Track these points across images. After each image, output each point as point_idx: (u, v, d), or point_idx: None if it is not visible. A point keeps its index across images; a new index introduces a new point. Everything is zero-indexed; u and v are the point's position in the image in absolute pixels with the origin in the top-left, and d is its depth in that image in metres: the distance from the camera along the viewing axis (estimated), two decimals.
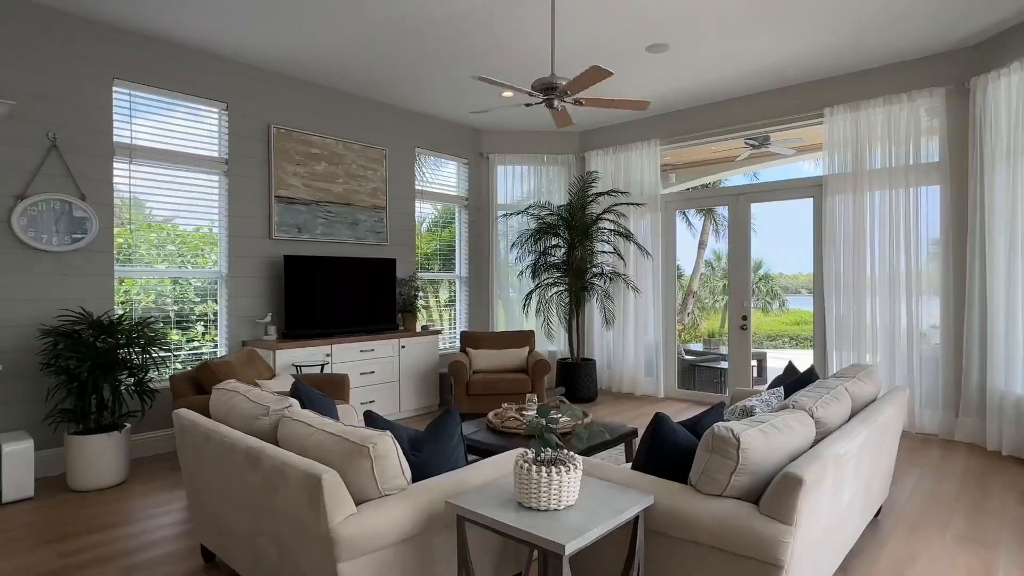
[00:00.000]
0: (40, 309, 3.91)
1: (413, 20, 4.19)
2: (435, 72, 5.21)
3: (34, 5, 3.90)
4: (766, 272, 16.55)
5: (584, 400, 6.27)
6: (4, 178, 3.80)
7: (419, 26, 4.27)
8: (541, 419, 1.89)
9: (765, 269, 16.55)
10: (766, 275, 16.54)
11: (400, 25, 4.26)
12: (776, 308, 16.60)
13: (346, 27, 4.30)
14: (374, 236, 5.94)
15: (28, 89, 3.89)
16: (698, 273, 14.25)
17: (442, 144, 6.68)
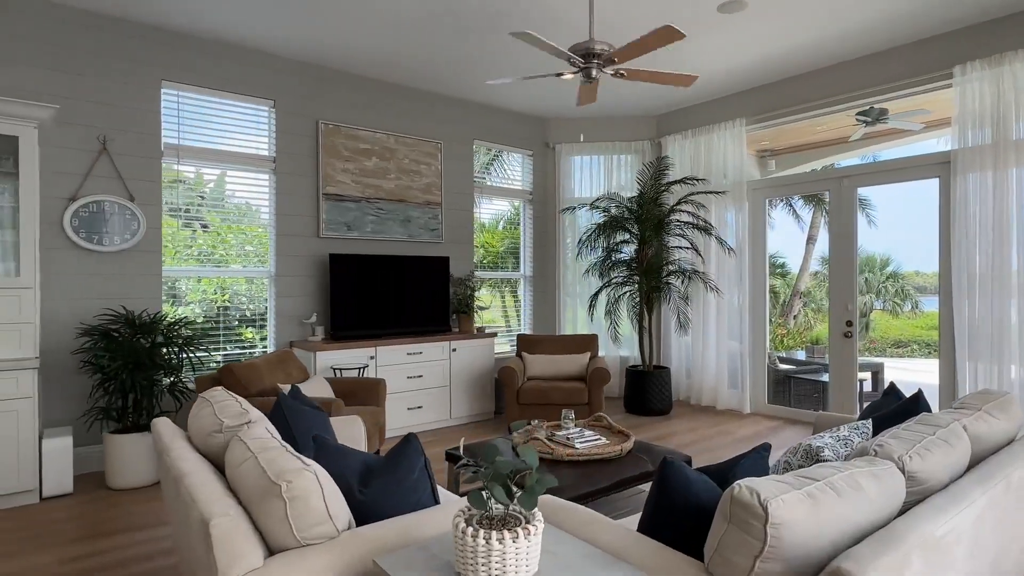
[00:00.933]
0: (90, 307, 4.01)
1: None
2: (492, 58, 4.83)
3: (83, 11, 4.00)
4: (895, 270, 14.66)
5: (656, 413, 5.62)
6: (57, 181, 3.92)
7: (468, 6, 3.92)
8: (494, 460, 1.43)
9: (895, 266, 14.67)
10: (895, 273, 14.66)
11: (449, 5, 3.93)
12: (907, 310, 14.63)
13: (394, 13, 4.04)
14: (428, 234, 5.69)
15: (78, 94, 4.00)
16: (806, 271, 12.79)
17: (504, 135, 6.31)
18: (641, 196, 5.71)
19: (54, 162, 3.92)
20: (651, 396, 5.61)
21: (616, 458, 2.86)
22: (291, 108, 4.89)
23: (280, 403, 2.47)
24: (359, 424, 2.99)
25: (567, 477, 2.61)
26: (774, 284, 13.03)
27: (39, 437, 3.50)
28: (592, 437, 3.05)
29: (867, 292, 14.32)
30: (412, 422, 5.02)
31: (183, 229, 4.50)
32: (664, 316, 6.38)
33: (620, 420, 5.46)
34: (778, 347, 10.95)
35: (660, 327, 6.48)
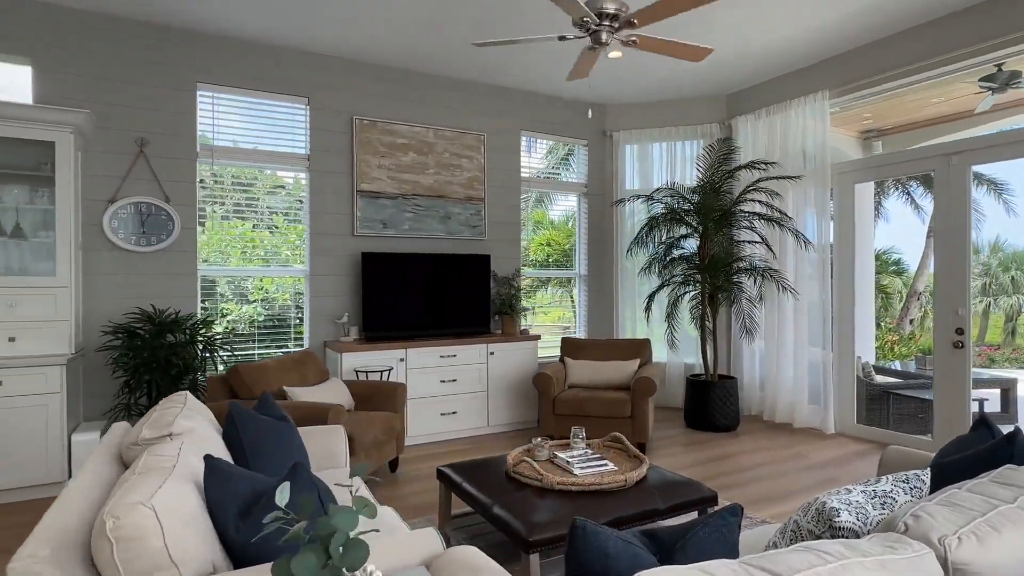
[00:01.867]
0: (127, 306, 4.12)
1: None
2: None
3: (121, 18, 4.13)
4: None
5: (720, 429, 4.98)
6: (97, 183, 4.07)
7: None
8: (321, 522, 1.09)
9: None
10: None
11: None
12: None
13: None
14: (469, 230, 5.42)
15: (118, 99, 4.13)
16: (925, 268, 11.17)
17: (555, 124, 5.91)
18: (701, 184, 5.09)
19: (95, 166, 4.07)
20: (714, 410, 4.97)
21: (618, 490, 2.41)
22: (325, 104, 4.81)
23: (232, 413, 2.27)
24: (340, 435, 2.76)
25: (547, 512, 2.20)
26: (887, 284, 11.50)
27: (68, 431, 3.61)
28: (597, 462, 2.60)
29: (1013, 293, 12.28)
30: (445, 429, 4.78)
31: (229, 228, 4.55)
32: (732, 319, 5.68)
33: (677, 436, 4.88)
34: (887, 356, 9.60)
35: (729, 332, 5.78)
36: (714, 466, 4.10)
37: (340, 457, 2.72)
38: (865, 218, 5.31)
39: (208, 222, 4.50)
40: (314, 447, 2.67)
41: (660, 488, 2.46)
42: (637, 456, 2.74)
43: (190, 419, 2.09)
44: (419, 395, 4.65)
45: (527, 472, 2.47)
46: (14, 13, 3.83)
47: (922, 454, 2.25)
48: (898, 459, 2.29)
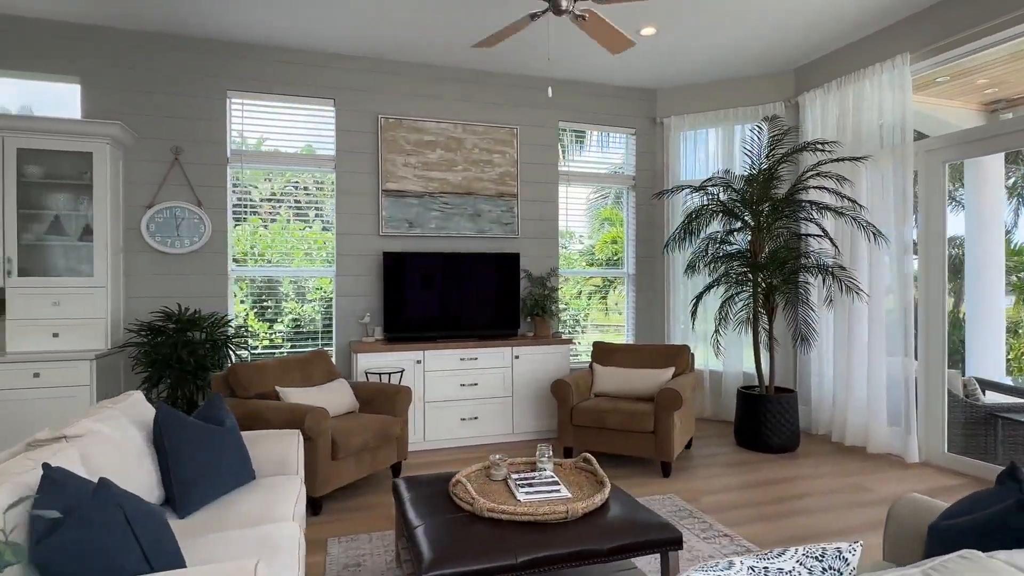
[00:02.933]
0: (162, 305, 4.37)
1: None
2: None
3: (155, 34, 4.38)
4: None
5: (774, 450, 4.36)
6: (137, 190, 4.35)
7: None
8: None
9: None
10: None
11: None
12: None
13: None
14: (501, 228, 5.20)
15: (154, 110, 4.39)
16: None
17: (598, 114, 5.53)
18: (751, 173, 4.49)
19: (135, 173, 4.35)
20: (768, 427, 4.36)
21: (557, 523, 2.08)
22: (351, 105, 4.82)
23: (157, 418, 2.24)
24: (292, 441, 2.67)
25: (462, 542, 1.94)
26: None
27: None
28: (548, 487, 2.29)
29: None
30: (466, 434, 4.60)
31: (261, 228, 4.71)
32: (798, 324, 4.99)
33: (720, 456, 4.34)
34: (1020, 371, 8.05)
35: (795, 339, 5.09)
36: (753, 492, 3.56)
37: (291, 464, 2.63)
38: (990, 201, 4.44)
39: (242, 225, 4.67)
40: (262, 452, 2.60)
41: (612, 524, 2.10)
42: (601, 482, 2.38)
43: (103, 421, 2.08)
44: (437, 399, 4.52)
45: (461, 494, 2.22)
46: (65, 37, 4.19)
47: (932, 501, 1.72)
48: (911, 513, 1.77)
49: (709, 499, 3.47)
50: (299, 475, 2.62)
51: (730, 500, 3.45)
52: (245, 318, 4.68)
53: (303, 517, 2.49)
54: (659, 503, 3.39)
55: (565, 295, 5.58)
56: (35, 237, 3.96)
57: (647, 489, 3.64)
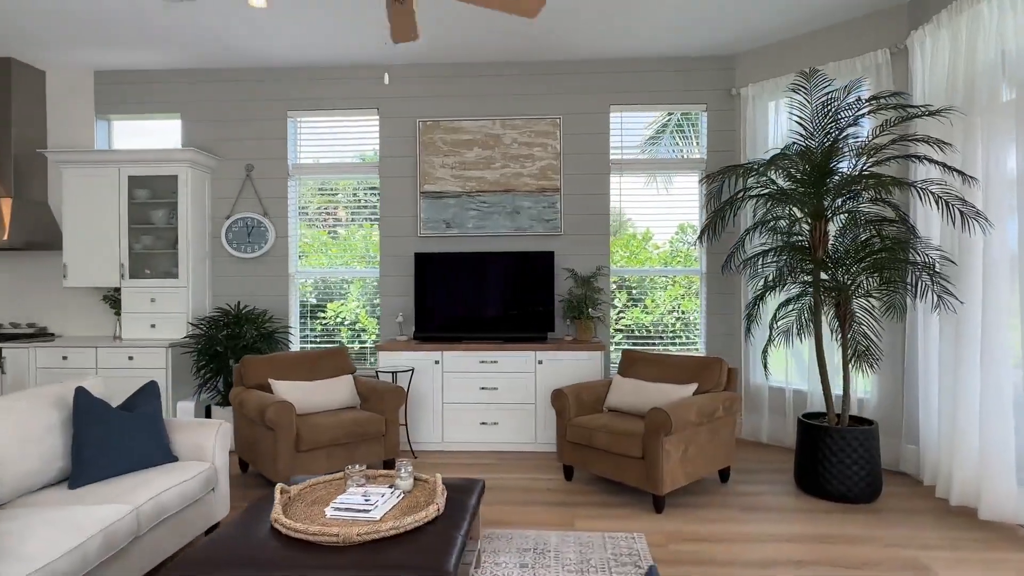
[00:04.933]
0: (236, 302, 5.06)
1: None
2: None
3: (231, 69, 5.07)
4: None
5: (836, 497, 3.41)
6: (220, 204, 5.11)
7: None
8: None
9: None
10: None
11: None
12: None
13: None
14: (542, 225, 4.93)
15: (233, 134, 5.10)
16: None
17: (657, 92, 4.91)
18: (807, 146, 3.56)
19: (218, 190, 5.11)
20: (829, 468, 3.42)
21: (332, 547, 1.90)
22: (393, 112, 5.02)
23: (75, 401, 2.62)
24: (210, 431, 2.88)
25: (221, 551, 1.90)
26: None
27: (174, 400, 4.64)
28: (363, 507, 2.11)
29: None
30: (484, 439, 4.48)
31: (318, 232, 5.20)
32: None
33: (764, 498, 3.54)
34: None
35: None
36: (762, 551, 2.84)
37: (207, 452, 2.85)
38: None
39: (303, 229, 5.18)
40: (183, 439, 2.87)
41: (382, 559, 1.87)
42: (425, 507, 2.13)
43: (20, 400, 2.50)
44: (455, 400, 4.47)
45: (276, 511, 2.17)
46: (167, 83, 5.10)
47: None
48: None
49: (687, 548, 2.85)
50: (212, 462, 2.83)
51: (719, 555, 2.80)
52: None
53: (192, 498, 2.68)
54: (606, 542, 2.89)
55: (623, 296, 5.07)
56: (142, 246, 4.90)
57: (621, 524, 3.13)
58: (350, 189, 5.23)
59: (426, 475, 2.46)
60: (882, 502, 3.43)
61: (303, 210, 5.20)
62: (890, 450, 3.96)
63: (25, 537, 1.92)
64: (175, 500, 2.51)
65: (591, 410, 3.87)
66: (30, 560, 1.81)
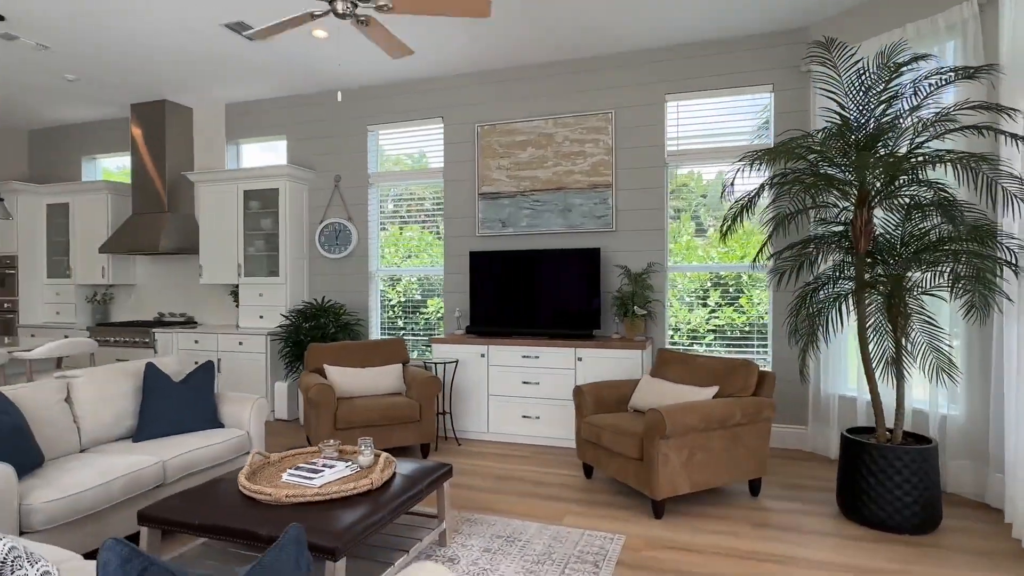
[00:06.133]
0: (326, 298, 5.75)
1: None
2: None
3: (321, 92, 5.77)
4: None
5: (881, 526, 2.99)
6: (314, 211, 5.85)
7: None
8: None
9: None
10: None
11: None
12: None
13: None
14: (593, 222, 4.90)
15: (324, 149, 5.80)
16: None
17: (718, 76, 4.62)
18: (843, 118, 3.14)
19: (314, 199, 5.85)
20: (869, 492, 3.01)
21: (271, 504, 2.20)
22: (455, 120, 5.33)
23: (148, 373, 3.29)
24: (246, 405, 3.39)
25: (188, 501, 2.31)
26: None
27: (272, 381, 5.43)
28: (310, 475, 2.39)
29: None
30: (525, 432, 4.59)
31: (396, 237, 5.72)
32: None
33: (791, 517, 3.22)
34: None
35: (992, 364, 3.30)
36: (755, 569, 2.65)
37: (244, 422, 3.38)
38: None
39: (383, 232, 5.73)
40: (228, 411, 3.43)
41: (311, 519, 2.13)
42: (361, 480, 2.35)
43: (104, 371, 3.20)
44: (500, 393, 4.65)
45: (267, 492, 2.56)
46: (275, 109, 5.96)
47: None
48: None
49: (661, 556, 2.74)
50: (247, 431, 3.35)
51: (693, 567, 2.65)
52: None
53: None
54: (581, 539, 2.86)
55: (680, 295, 4.84)
56: (254, 249, 5.80)
57: (610, 525, 3.07)
58: (421, 193, 5.65)
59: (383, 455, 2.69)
60: (939, 536, 2.93)
61: (383, 214, 5.73)
62: (977, 477, 3.33)
63: (72, 473, 2.51)
64: (204, 458, 3.04)
65: (613, 409, 3.81)
66: (63, 490, 2.38)
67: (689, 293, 4.82)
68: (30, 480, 2.46)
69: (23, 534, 2.27)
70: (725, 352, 4.71)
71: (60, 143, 7.02)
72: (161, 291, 6.52)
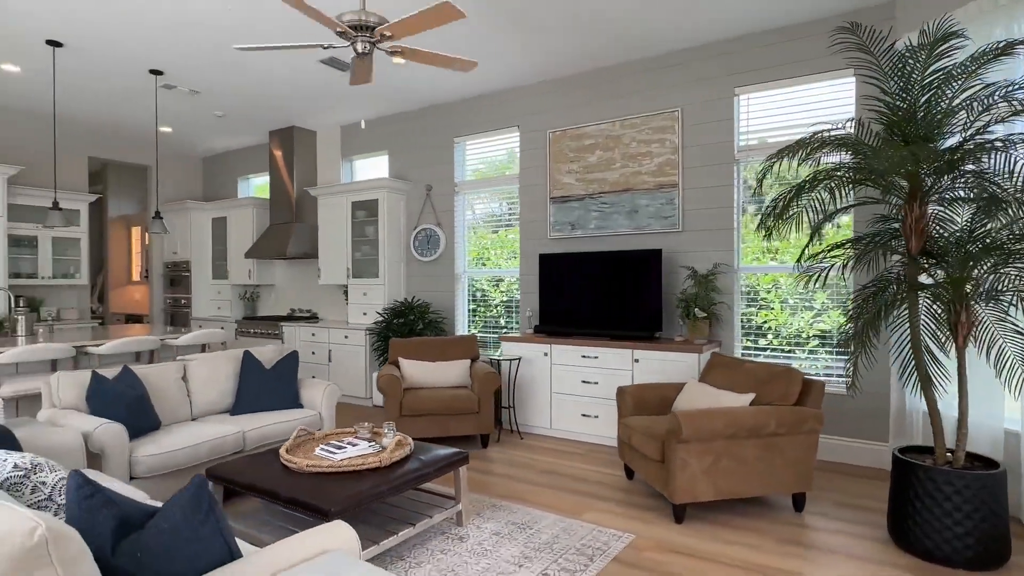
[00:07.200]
0: (418, 296, 6.31)
1: None
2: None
3: (416, 111, 6.33)
4: None
5: (930, 558, 2.71)
6: (410, 218, 6.44)
7: None
8: None
9: None
10: None
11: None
12: None
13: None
14: (660, 222, 4.85)
15: (419, 162, 6.37)
16: None
17: (792, 64, 4.34)
18: (889, 103, 2.85)
19: (410, 207, 6.45)
20: (918, 516, 2.73)
21: (298, 472, 2.63)
22: (529, 127, 5.58)
23: (244, 359, 3.99)
24: (319, 390, 3.94)
25: (246, 469, 2.84)
26: None
27: (371, 371, 6.10)
28: (337, 452, 2.79)
29: None
30: (584, 430, 4.70)
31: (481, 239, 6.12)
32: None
33: (827, 536, 3.02)
34: None
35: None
36: None
37: (317, 404, 3.94)
38: None
39: (469, 235, 6.15)
40: (307, 394, 4.01)
41: (313, 489, 2.54)
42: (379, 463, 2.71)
43: (210, 358, 3.95)
44: (561, 391, 4.80)
45: (320, 464, 3.04)
46: (379, 128, 6.65)
47: None
48: None
49: (662, 559, 2.75)
50: (319, 412, 3.91)
51: (686, 573, 2.65)
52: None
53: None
54: (589, 534, 2.95)
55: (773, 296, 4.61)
56: (360, 254, 6.54)
57: (625, 524, 3.12)
58: (501, 198, 5.96)
59: (407, 439, 3.03)
60: (1006, 573, 2.57)
61: (470, 219, 6.15)
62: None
63: (174, 436, 3.19)
64: (278, 432, 3.63)
65: (655, 412, 3.80)
66: (161, 448, 3.05)
67: (793, 294, 4.53)
68: (144, 438, 3.17)
69: (132, 480, 2.96)
70: (827, 359, 4.38)
71: (222, 167, 8.45)
72: (293, 290, 7.59)
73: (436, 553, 2.76)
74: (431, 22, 2.59)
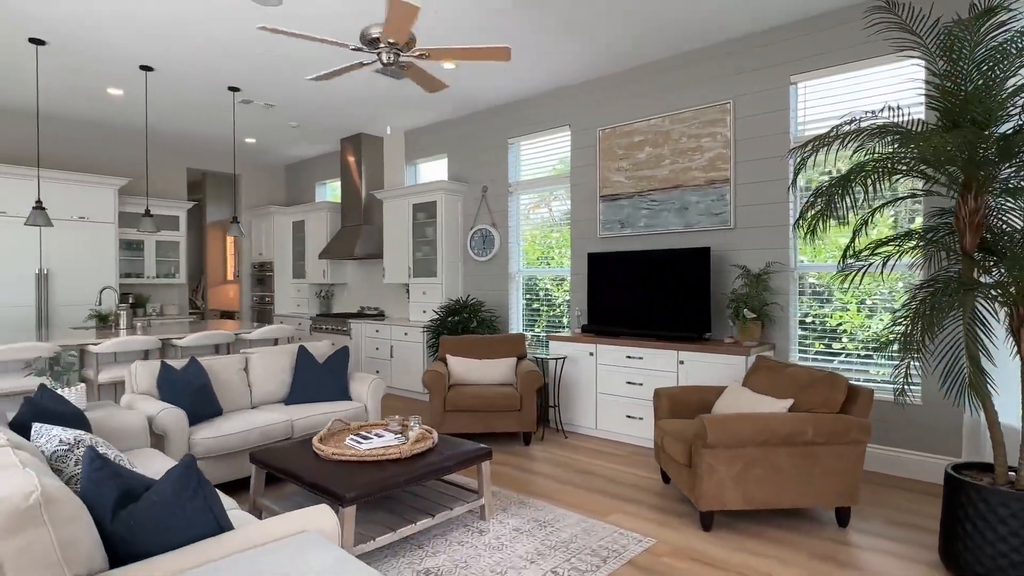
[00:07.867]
0: (475, 294, 6.45)
1: None
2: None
3: (470, 115, 6.47)
4: None
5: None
6: (467, 219, 6.61)
7: None
8: None
9: None
10: None
11: None
12: None
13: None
14: (710, 219, 4.68)
15: (475, 164, 6.52)
16: None
17: (855, 47, 4.05)
18: (940, 84, 2.60)
19: (467, 208, 6.61)
20: (969, 540, 2.48)
21: (328, 459, 2.81)
22: (580, 126, 5.55)
23: (299, 353, 4.30)
24: (365, 383, 4.15)
25: (286, 460, 3.07)
26: None
27: (425, 366, 6.32)
28: (364, 443, 2.95)
29: None
30: (629, 432, 4.62)
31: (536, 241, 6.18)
32: None
33: (871, 556, 2.82)
34: None
35: None
36: None
37: (363, 397, 4.16)
38: None
39: (534, 233, 6.22)
40: (355, 387, 4.24)
41: (321, 473, 2.71)
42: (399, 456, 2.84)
43: (268, 352, 4.28)
44: (606, 391, 4.76)
45: (346, 453, 3.24)
46: (438, 132, 6.87)
47: None
48: None
49: (678, 566, 2.68)
50: (364, 404, 4.13)
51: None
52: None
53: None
54: (608, 536, 2.91)
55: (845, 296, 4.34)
56: (421, 254, 6.79)
57: (650, 528, 3.06)
58: (552, 198, 5.97)
59: (432, 432, 3.14)
60: None
61: (523, 217, 6.22)
62: None
63: (231, 422, 3.50)
64: (324, 422, 3.88)
65: (692, 415, 3.69)
66: (219, 431, 3.36)
67: (872, 294, 4.21)
68: (205, 423, 3.50)
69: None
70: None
71: (301, 173, 9.05)
72: (362, 288, 8.00)
73: (454, 544, 2.85)
74: (402, 21, 2.62)
